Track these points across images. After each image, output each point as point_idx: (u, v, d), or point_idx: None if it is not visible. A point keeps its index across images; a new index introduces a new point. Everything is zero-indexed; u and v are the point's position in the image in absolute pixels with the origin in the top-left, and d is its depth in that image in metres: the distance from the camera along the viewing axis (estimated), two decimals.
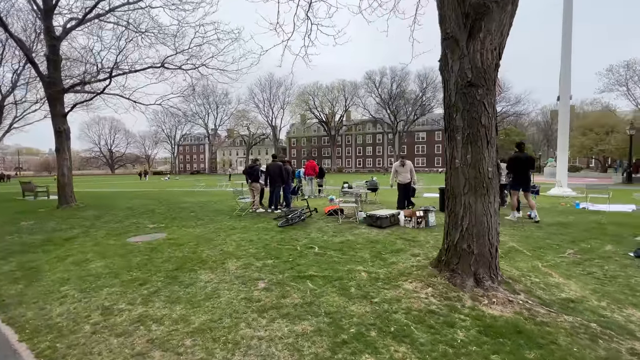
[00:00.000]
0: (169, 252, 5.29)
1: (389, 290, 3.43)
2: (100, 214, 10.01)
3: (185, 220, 8.52)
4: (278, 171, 9.99)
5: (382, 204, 10.83)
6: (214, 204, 12.28)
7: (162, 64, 10.44)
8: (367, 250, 5.12)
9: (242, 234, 6.58)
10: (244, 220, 8.38)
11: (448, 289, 3.30)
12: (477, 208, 3.26)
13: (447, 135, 3.54)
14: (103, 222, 8.38)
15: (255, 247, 5.48)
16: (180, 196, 16.14)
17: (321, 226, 7.30)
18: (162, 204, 12.39)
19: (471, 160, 3.27)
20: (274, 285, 3.73)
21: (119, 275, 4.23)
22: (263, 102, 69.39)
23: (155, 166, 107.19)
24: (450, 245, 3.52)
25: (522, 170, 7.19)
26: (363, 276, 3.91)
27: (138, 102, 13.41)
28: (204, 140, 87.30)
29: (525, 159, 7.18)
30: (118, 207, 11.62)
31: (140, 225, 7.93)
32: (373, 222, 7.06)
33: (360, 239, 5.93)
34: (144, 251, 5.40)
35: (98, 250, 5.52)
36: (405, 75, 60.56)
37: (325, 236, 6.26)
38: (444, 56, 3.52)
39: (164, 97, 13.61)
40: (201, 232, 6.94)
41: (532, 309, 2.86)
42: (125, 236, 6.64)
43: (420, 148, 67.50)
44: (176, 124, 79.51)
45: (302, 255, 4.92)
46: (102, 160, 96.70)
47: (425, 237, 5.98)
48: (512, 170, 7.36)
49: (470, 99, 3.25)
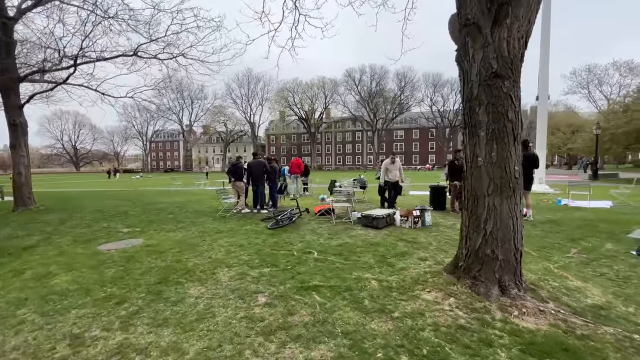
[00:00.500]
0: (148, 262, 4.68)
1: (407, 301, 3.11)
2: (64, 217, 9.01)
3: (163, 223, 7.81)
4: (260, 169, 9.47)
5: (371, 202, 10.59)
6: (194, 204, 11.52)
7: (135, 52, 9.51)
8: (369, 254, 4.79)
9: (229, 238, 6.05)
10: (229, 222, 7.80)
11: (472, 298, 3.02)
12: (502, 210, 3.01)
13: (467, 131, 3.25)
14: (68, 227, 7.49)
15: (248, 253, 4.99)
16: (155, 196, 15.10)
17: (314, 228, 6.90)
18: (136, 205, 11.44)
19: (496, 159, 3.00)
20: (277, 300, 3.30)
21: (90, 293, 3.61)
22: (241, 98, 67.57)
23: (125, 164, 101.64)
24: (470, 250, 3.25)
25: (527, 169, 7.12)
26: (374, 285, 3.57)
27: (107, 94, 12.28)
28: (178, 137, 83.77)
29: (531, 158, 7.11)
30: (85, 209, 10.58)
31: (112, 229, 7.15)
32: (369, 223, 6.76)
33: (358, 242, 5.60)
34: (118, 261, 4.75)
35: (63, 262, 4.79)
36: (385, 74, 61.21)
37: (321, 239, 5.88)
38: (463, 45, 3.22)
39: (136, 89, 12.59)
40: (183, 236, 6.32)
41: (568, 320, 2.63)
42: (95, 243, 5.90)
43: (399, 146, 68.63)
44: (148, 120, 75.65)
45: (301, 262, 4.50)
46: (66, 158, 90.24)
47: (425, 238, 5.75)
48: None
49: (495, 92, 2.98)
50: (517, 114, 2.99)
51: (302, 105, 64.17)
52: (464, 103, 3.31)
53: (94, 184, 28.53)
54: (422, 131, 66.51)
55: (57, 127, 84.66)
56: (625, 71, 45.39)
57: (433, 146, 65.86)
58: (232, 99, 67.51)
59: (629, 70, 45.01)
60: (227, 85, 66.12)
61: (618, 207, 9.14)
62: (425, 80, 60.97)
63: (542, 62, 13.60)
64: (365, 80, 61.98)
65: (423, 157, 66.11)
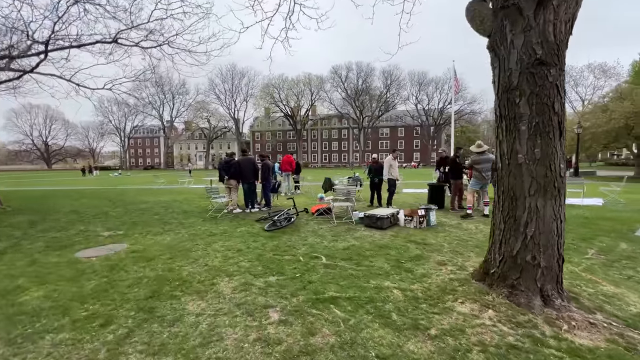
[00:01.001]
0: (136, 271, 4.14)
1: (441, 315, 2.78)
2: (35, 219, 8.17)
3: (149, 225, 7.18)
4: (251, 167, 8.97)
5: (367, 200, 10.30)
6: (181, 203, 10.84)
7: (115, 39, 8.71)
8: (381, 258, 4.45)
9: (225, 242, 5.56)
10: (222, 223, 7.28)
11: (513, 310, 2.73)
12: (545, 212, 2.72)
13: (504, 124, 2.94)
14: (40, 231, 6.73)
15: (248, 259, 4.53)
16: (137, 195, 14.22)
17: (315, 229, 6.50)
18: (116, 205, 10.64)
19: (540, 155, 2.70)
20: (292, 316, 2.89)
21: (68, 311, 3.07)
22: (225, 94, 65.87)
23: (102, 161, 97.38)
24: (506, 255, 2.96)
25: None
26: (397, 295, 3.22)
27: (82, 85, 11.33)
28: (159, 133, 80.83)
29: None
30: (60, 210, 9.70)
31: (92, 233, 6.47)
32: (372, 223, 6.44)
33: (366, 244, 5.25)
34: (100, 271, 4.18)
35: (35, 273, 4.17)
36: (371, 71, 61.29)
37: (325, 241, 5.49)
38: (500, 29, 2.90)
39: (115, 81, 11.68)
40: (173, 240, 5.76)
41: (624, 334, 2.38)
42: (72, 250, 5.25)
43: (384, 144, 69.11)
44: (126, 114, 72.57)
45: (310, 269, 4.10)
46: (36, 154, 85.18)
47: (435, 239, 5.47)
48: None
49: (540, 81, 2.68)
50: (563, 105, 2.71)
51: (287, 102, 63.26)
52: (498, 94, 2.99)
53: (68, 182, 26.86)
54: (407, 129, 67.21)
55: (26, 121, 79.72)
56: (599, 73, 47.52)
57: (418, 144, 66.73)
58: (216, 95, 65.78)
59: (602, 73, 47.14)
60: (211, 80, 64.32)
61: (610, 204, 9.27)
62: (411, 79, 61.53)
63: None
64: (351, 78, 61.89)
65: (408, 154, 66.86)
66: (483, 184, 7.52)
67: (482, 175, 7.34)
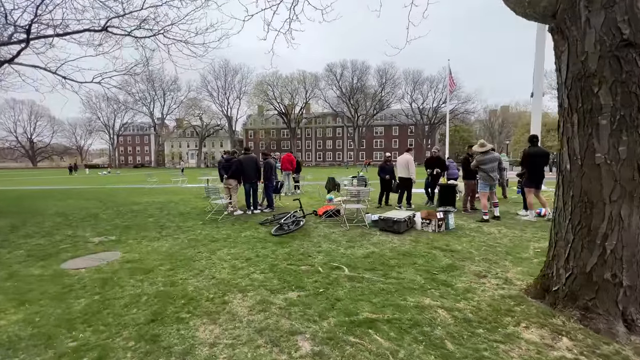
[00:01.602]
0: (132, 286, 3.60)
1: (506, 344, 2.34)
2: (17, 222, 7.48)
3: (143, 229, 6.59)
4: (253, 165, 8.45)
5: (374, 201, 9.87)
6: (176, 204, 10.22)
7: (105, 27, 8.04)
8: (409, 269, 4.00)
9: (230, 249, 5.04)
10: (223, 226, 6.74)
11: (592, 338, 2.31)
12: (631, 222, 2.30)
13: (575, 118, 2.51)
14: (22, 237, 6.09)
15: (260, 270, 4.03)
16: (128, 195, 13.49)
17: (326, 233, 6.03)
18: (107, 207, 9.96)
19: (626, 155, 2.28)
20: (326, 345, 2.41)
21: (52, 341, 2.53)
22: (217, 91, 64.74)
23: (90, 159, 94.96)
24: (576, 271, 2.53)
25: (538, 167, 6.68)
26: (445, 317, 2.77)
27: (69, 78, 10.59)
28: (149, 131, 79.00)
29: (542, 154, 6.68)
30: (44, 212, 9.00)
31: (80, 239, 5.86)
32: (388, 227, 6.00)
33: (386, 251, 4.80)
34: (91, 286, 3.62)
35: (13, 289, 3.59)
36: (366, 70, 61.03)
37: (341, 248, 5.02)
38: (571, 6, 2.47)
39: (105, 74, 10.95)
40: (171, 247, 5.22)
41: None
42: (57, 259, 4.66)
43: (379, 142, 68.98)
44: (115, 111, 70.64)
45: (333, 282, 3.62)
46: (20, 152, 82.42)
47: (460, 245, 5.06)
48: (526, 166, 6.81)
49: (626, 66, 2.25)
50: None
51: (281, 100, 62.50)
52: (566, 82, 2.56)
53: (55, 181, 25.77)
54: (401, 128, 67.15)
55: (10, 117, 77.02)
56: None
57: (412, 143, 66.73)
58: (208, 92, 64.63)
59: None
60: (203, 77, 63.10)
61: None
62: (406, 77, 61.45)
63: (538, 56, 13.47)
64: (346, 76, 61.52)
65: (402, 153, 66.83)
66: (491, 185, 7.09)
67: (489, 176, 6.93)
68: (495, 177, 6.98)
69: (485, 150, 7.05)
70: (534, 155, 6.68)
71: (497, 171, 7.02)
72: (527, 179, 6.79)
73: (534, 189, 6.73)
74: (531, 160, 6.70)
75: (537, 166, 6.69)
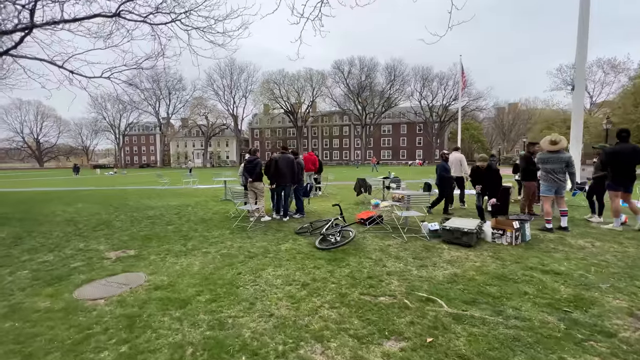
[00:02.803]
0: (169, 329, 2.70)
1: None
2: (21, 232, 6.66)
3: (166, 240, 5.72)
4: (290, 166, 7.57)
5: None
6: (193, 208, 9.37)
7: (117, 12, 7.18)
8: (523, 301, 3.07)
9: (276, 268, 4.14)
10: (254, 236, 5.87)
11: None
12: None
13: None
14: (26, 251, 5.24)
15: (329, 304, 3.11)
16: (141, 198, 12.67)
17: (380, 246, 5.11)
18: (119, 211, 9.13)
19: None
20: None
21: None
22: (223, 90, 64.09)
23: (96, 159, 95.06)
24: None
25: (625, 166, 5.67)
26: None
27: (77, 72, 9.78)
28: (155, 130, 78.60)
29: (632, 152, 5.64)
30: (51, 219, 8.18)
31: (94, 253, 5.00)
32: (455, 239, 5.07)
33: (471, 272, 3.87)
34: (114, 329, 2.74)
35: (13, 334, 2.70)
36: (374, 66, 59.92)
37: (412, 267, 4.10)
38: None
39: (114, 68, 10.12)
40: (204, 265, 4.33)
41: None
42: (69, 283, 3.79)
43: (387, 141, 67.83)
44: (121, 111, 70.37)
45: (436, 324, 2.70)
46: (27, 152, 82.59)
47: (558, 263, 4.11)
48: (611, 165, 5.81)
49: None
50: None
51: (288, 98, 61.54)
52: None
53: (62, 183, 25.16)
54: (409, 126, 65.90)
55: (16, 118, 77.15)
56: (608, 69, 46.65)
57: (421, 141, 65.51)
58: (214, 90, 63.99)
59: (611, 68, 46.27)
60: (209, 76, 62.49)
61: None
62: (415, 74, 60.20)
63: (580, 48, 12.40)
64: (354, 73, 60.41)
65: (411, 152, 65.66)
66: (557, 188, 6.05)
67: (553, 178, 5.91)
68: (561, 179, 5.94)
69: (555, 149, 5.99)
70: (620, 152, 5.68)
71: (564, 174, 5.95)
72: (612, 181, 5.80)
73: (622, 193, 5.74)
74: (618, 158, 5.69)
75: (625, 165, 5.67)
